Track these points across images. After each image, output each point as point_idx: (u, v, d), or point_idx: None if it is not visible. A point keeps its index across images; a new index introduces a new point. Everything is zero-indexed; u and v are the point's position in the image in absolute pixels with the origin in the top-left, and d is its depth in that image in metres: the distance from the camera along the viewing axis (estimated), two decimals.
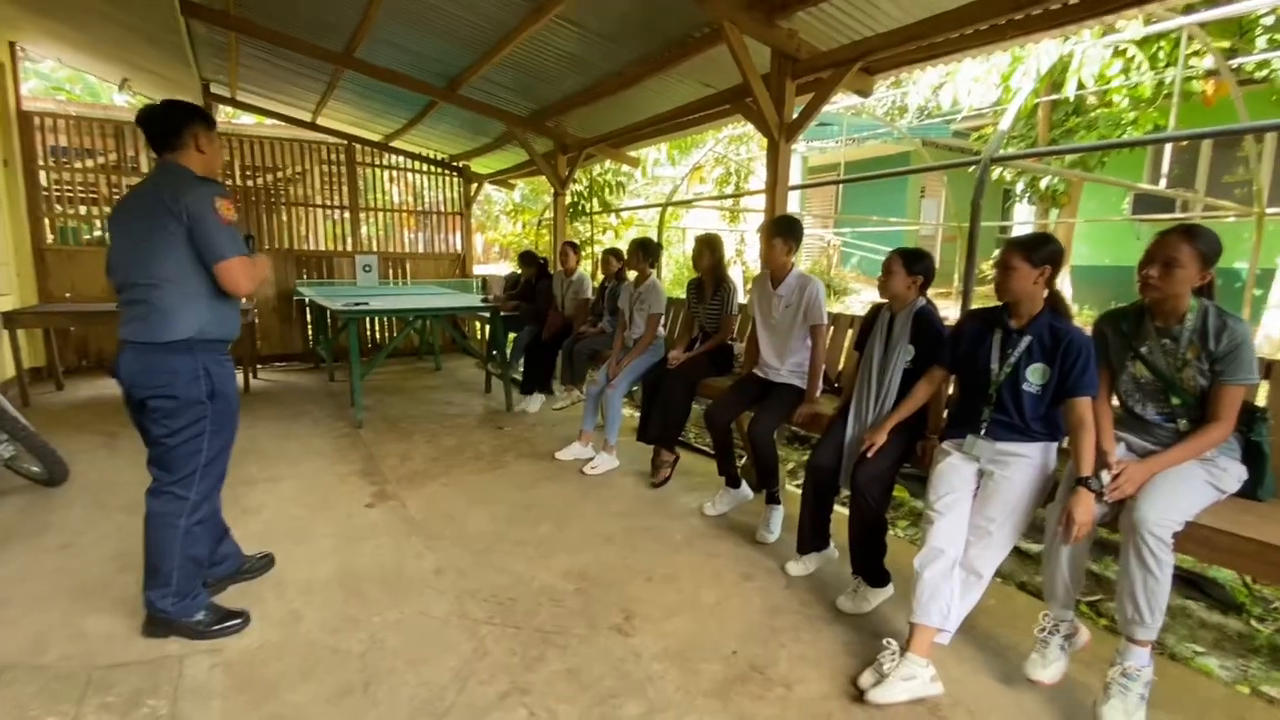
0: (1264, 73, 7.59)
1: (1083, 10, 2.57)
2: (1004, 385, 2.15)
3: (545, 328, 5.23)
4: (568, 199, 8.05)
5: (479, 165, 7.95)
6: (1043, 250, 2.09)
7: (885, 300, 2.66)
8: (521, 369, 5.54)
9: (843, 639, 2.31)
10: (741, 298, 3.91)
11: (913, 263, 2.51)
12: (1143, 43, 6.11)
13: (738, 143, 10.07)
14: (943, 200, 14.13)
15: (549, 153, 5.97)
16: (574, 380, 4.86)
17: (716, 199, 10.46)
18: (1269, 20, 7.31)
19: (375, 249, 7.61)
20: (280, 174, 6.97)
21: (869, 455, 2.43)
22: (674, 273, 10.40)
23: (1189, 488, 1.85)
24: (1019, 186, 10.80)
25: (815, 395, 3.07)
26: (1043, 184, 8.81)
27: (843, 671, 2.13)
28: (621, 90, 4.47)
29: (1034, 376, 2.11)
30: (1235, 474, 1.92)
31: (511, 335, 5.77)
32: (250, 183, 6.80)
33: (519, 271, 8.08)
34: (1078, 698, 2.00)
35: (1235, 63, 7.22)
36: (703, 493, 3.64)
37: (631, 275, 4.33)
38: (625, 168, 7.64)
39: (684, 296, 4.08)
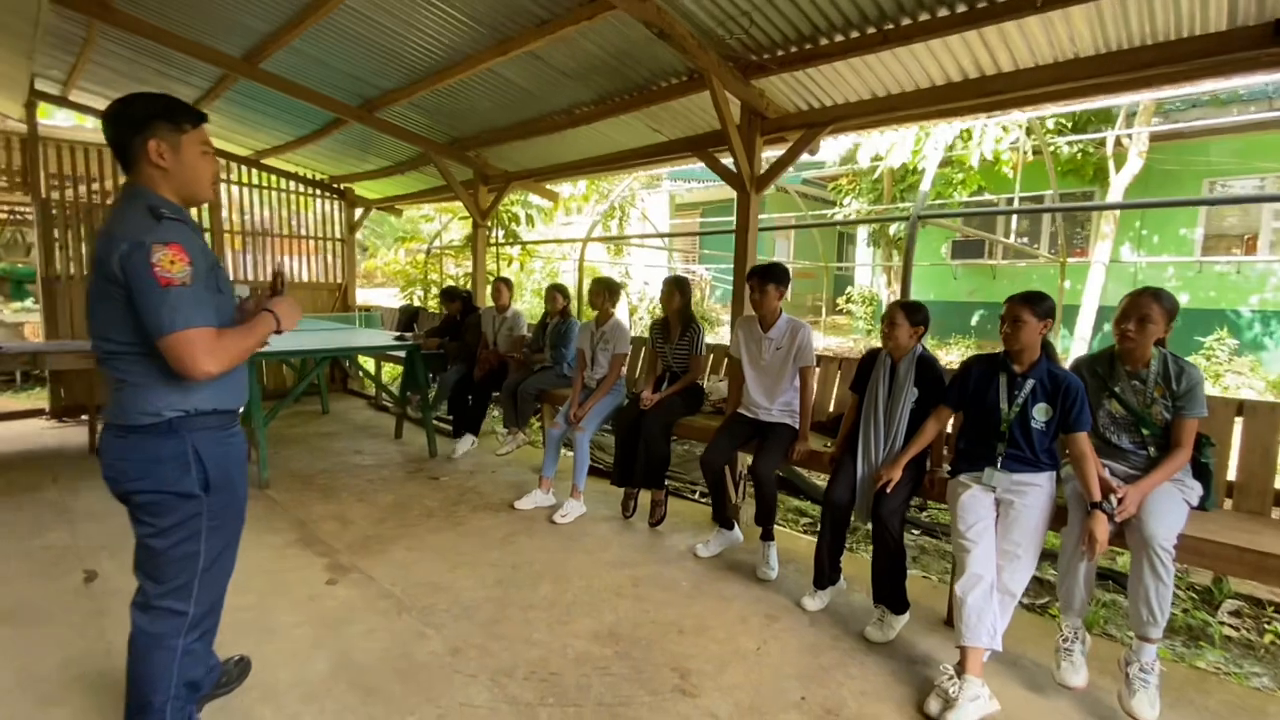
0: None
1: (1034, 100, 3.06)
2: (1014, 423, 2.44)
3: (478, 366, 4.93)
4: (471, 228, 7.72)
5: (365, 189, 7.34)
6: (1044, 305, 2.42)
7: (881, 347, 2.90)
8: (446, 412, 5.17)
9: (888, 669, 2.44)
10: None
11: (914, 313, 2.78)
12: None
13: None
14: (792, 241, 15.59)
15: (468, 181, 5.69)
16: (519, 423, 4.63)
17: (699, 234, 10.58)
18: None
19: (243, 277, 6.67)
20: (98, 185, 5.84)
21: (888, 490, 2.63)
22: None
23: (1175, 505, 2.23)
24: (861, 233, 12.28)
25: (807, 434, 3.23)
26: (891, 230, 10.10)
27: (906, 701, 2.25)
28: (570, 127, 4.43)
29: (1040, 415, 2.42)
30: (1197, 490, 2.35)
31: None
32: (59, 195, 5.65)
33: (412, 304, 7.56)
34: (1095, 696, 2.30)
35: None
36: (685, 533, 3.65)
37: (586, 314, 4.26)
38: (533, 199, 7.50)
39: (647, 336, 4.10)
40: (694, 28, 3.13)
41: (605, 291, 4.10)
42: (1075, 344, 7.51)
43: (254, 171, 6.71)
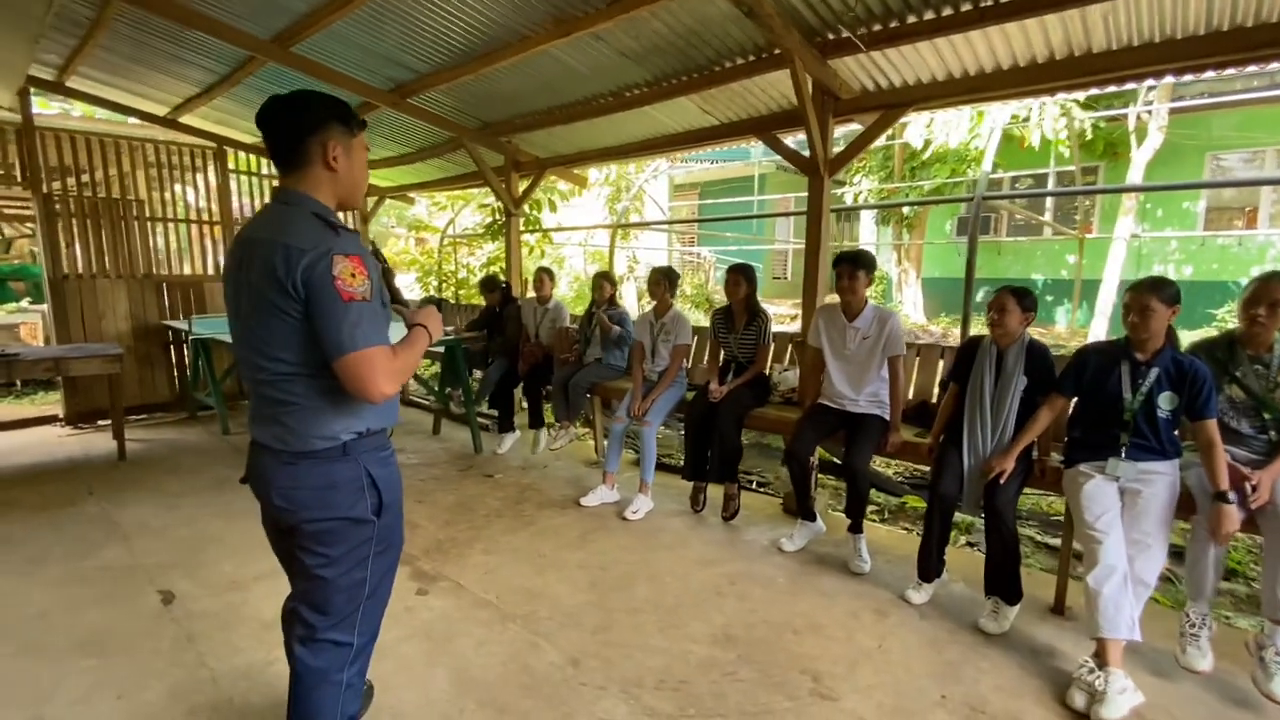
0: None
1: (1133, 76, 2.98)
2: (1139, 412, 2.40)
3: (522, 360, 4.80)
4: (490, 216, 7.52)
5: (376, 177, 7.06)
6: (1170, 290, 2.36)
7: (986, 335, 2.84)
8: (489, 406, 5.04)
9: (1014, 661, 2.42)
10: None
11: (1024, 299, 2.72)
12: None
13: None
14: (792, 221, 15.50)
15: (499, 168, 5.48)
16: (570, 416, 4.51)
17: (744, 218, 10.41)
18: None
19: None
20: (101, 176, 5.50)
21: (1000, 482, 2.59)
22: (576, 291, 10.18)
23: None
24: (867, 211, 12.23)
25: (899, 424, 3.18)
26: (906, 210, 10.06)
27: (1045, 694, 2.23)
28: (618, 111, 4.26)
29: (1165, 404, 2.38)
30: None
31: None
32: (60, 188, 5.34)
33: (433, 295, 7.35)
34: (1223, 679, 2.30)
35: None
36: (760, 526, 3.60)
37: (629, 304, 4.15)
38: (558, 184, 7.31)
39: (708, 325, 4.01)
40: (778, 7, 2.99)
41: (665, 281, 3.98)
42: (1096, 319, 7.59)
43: (259, 160, 6.41)
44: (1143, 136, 7.44)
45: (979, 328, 3.52)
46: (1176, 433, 2.44)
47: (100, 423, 5.43)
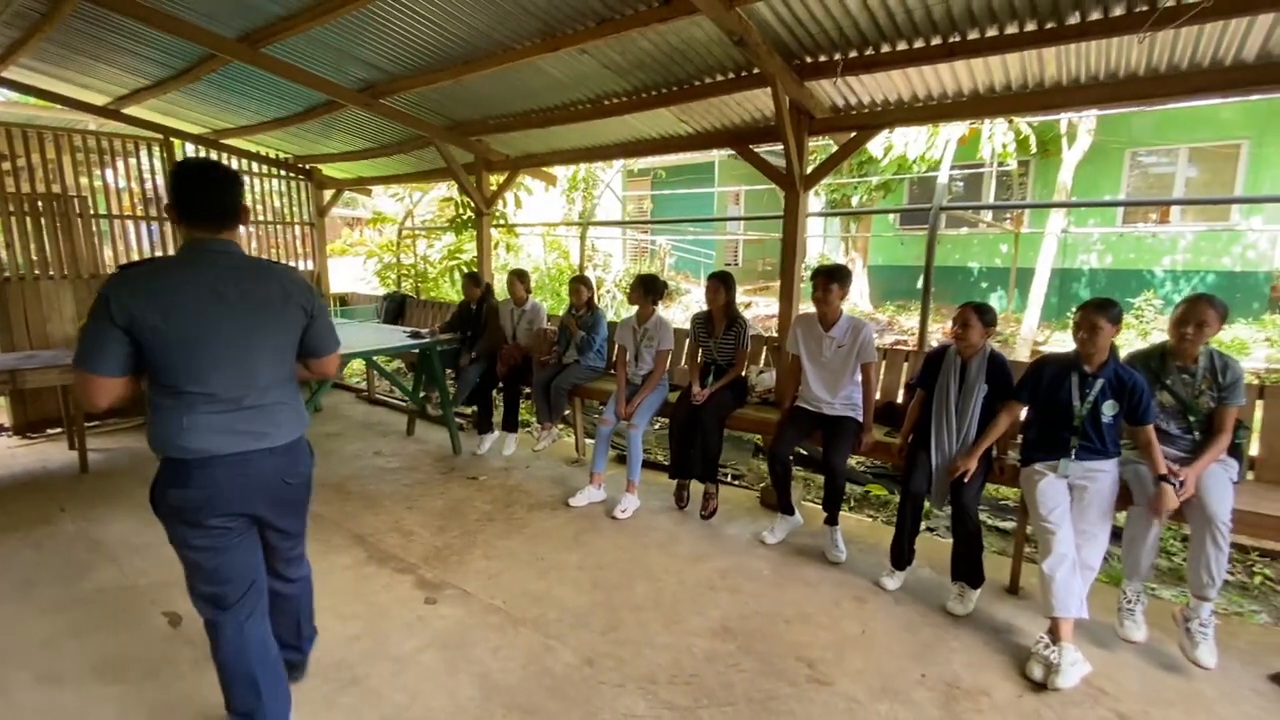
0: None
1: (1059, 102, 3.27)
2: (1086, 418, 2.72)
3: (501, 361, 4.86)
4: (454, 211, 7.43)
5: (334, 169, 6.87)
6: (1115, 311, 2.68)
7: (951, 346, 3.12)
8: (469, 407, 5.09)
9: (980, 639, 2.73)
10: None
11: (985, 314, 3.00)
12: None
13: None
14: (742, 208, 15.81)
15: (469, 166, 5.44)
16: (552, 418, 4.62)
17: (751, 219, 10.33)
18: None
19: None
20: (22, 163, 5.11)
21: (965, 480, 2.88)
22: (536, 282, 10.13)
23: (1226, 484, 2.59)
24: (814, 204, 12.59)
25: (871, 425, 3.45)
26: (854, 201, 10.46)
27: (1009, 668, 2.53)
28: (596, 118, 4.34)
29: (1109, 410, 2.70)
30: (1235, 467, 2.73)
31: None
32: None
33: (398, 292, 7.24)
34: (1158, 648, 2.66)
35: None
36: (740, 520, 3.83)
37: (611, 309, 4.28)
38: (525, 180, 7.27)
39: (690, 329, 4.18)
40: (762, 34, 3.14)
41: (642, 289, 4.11)
42: (1029, 310, 8.18)
43: (212, 152, 6.14)
44: (1073, 138, 8.02)
45: (934, 321, 3.81)
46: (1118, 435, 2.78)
47: (50, 431, 5.19)
